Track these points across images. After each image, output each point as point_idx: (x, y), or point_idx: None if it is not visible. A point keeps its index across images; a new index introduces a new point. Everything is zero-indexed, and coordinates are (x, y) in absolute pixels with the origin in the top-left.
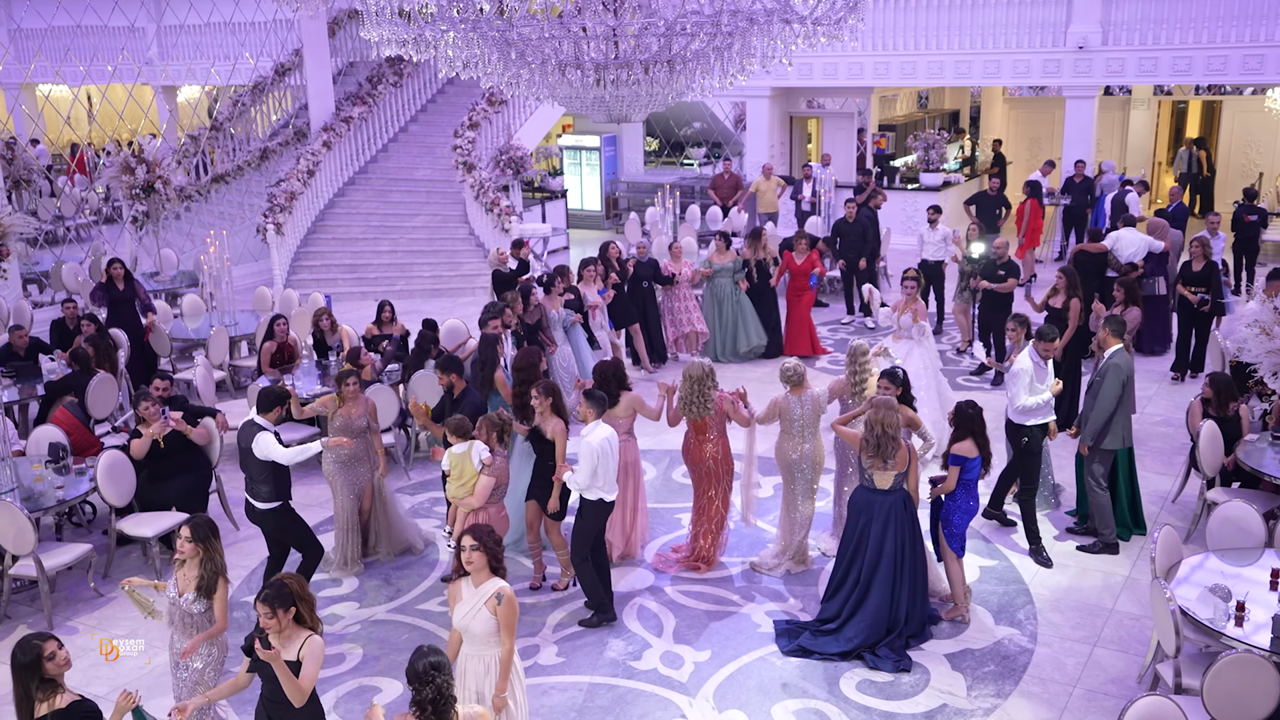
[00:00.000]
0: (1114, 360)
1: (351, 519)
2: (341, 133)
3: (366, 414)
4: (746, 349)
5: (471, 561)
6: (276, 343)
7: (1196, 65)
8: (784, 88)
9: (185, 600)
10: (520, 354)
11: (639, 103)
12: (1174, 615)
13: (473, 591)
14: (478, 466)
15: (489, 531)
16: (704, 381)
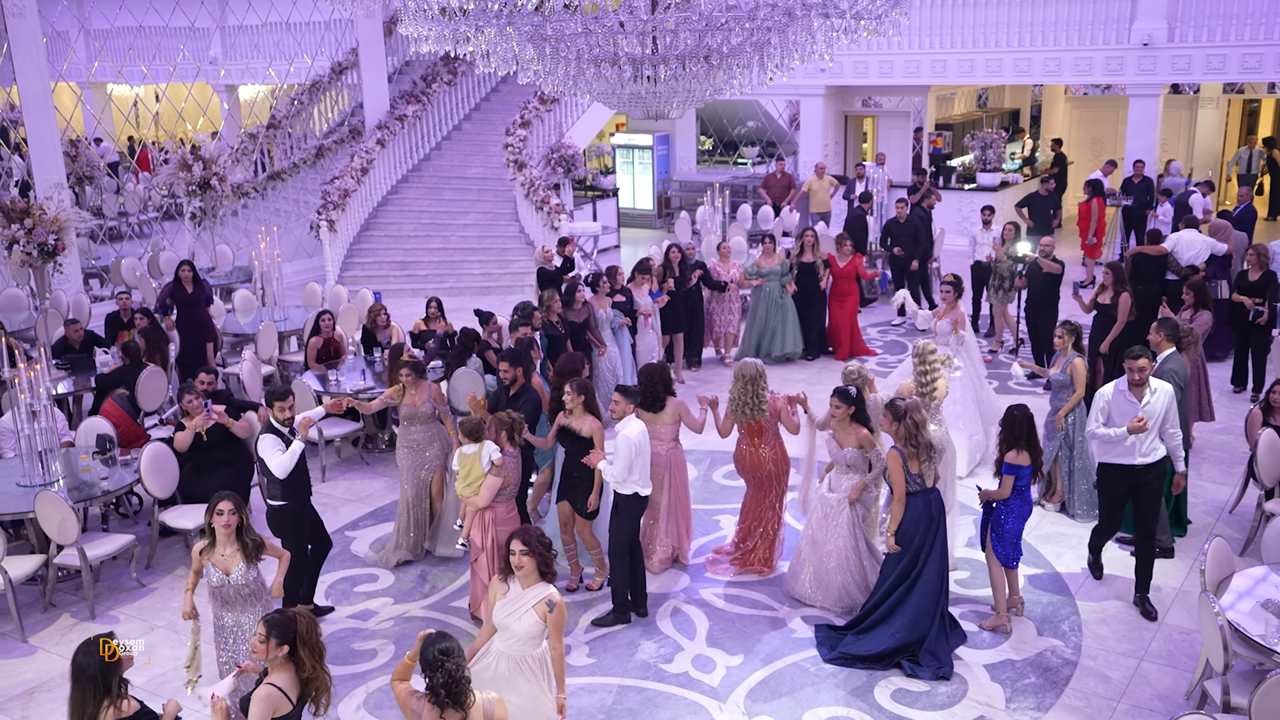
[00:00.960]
0: (1169, 366)
1: (415, 508)
2: (395, 131)
3: (431, 399)
4: (779, 354)
5: (521, 566)
6: (323, 338)
7: (1267, 62)
8: (839, 86)
9: (237, 575)
10: (564, 358)
11: (676, 99)
12: (1222, 630)
13: (520, 592)
14: (486, 467)
15: (539, 536)
16: (757, 381)
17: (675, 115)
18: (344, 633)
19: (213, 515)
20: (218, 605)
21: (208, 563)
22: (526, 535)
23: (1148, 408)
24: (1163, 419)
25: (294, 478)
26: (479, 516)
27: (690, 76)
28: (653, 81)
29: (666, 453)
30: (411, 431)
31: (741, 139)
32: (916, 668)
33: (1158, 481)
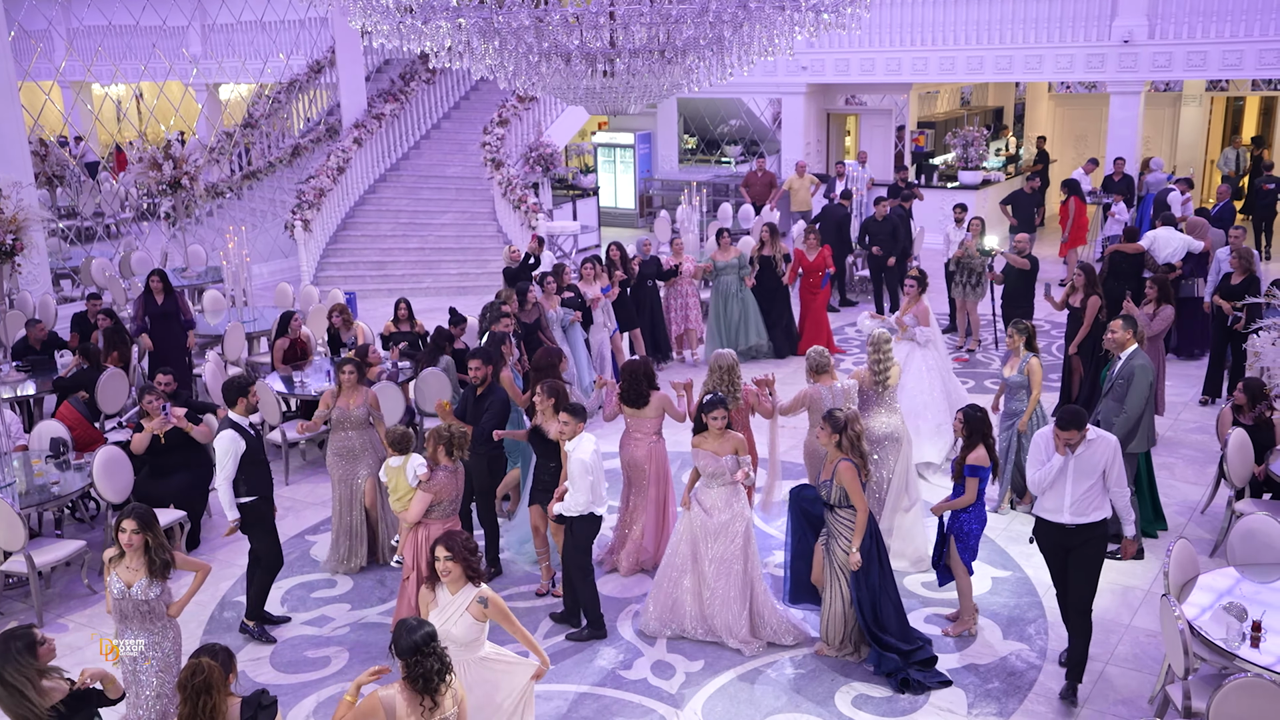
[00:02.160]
0: (1138, 361)
1: (346, 516)
2: (373, 130)
3: (366, 405)
4: (745, 347)
5: (448, 572)
6: (289, 339)
7: (1248, 59)
8: (820, 84)
9: (138, 589)
10: (541, 352)
11: (633, 94)
12: (1183, 634)
13: (450, 598)
14: (412, 482)
15: (464, 541)
16: (733, 371)
17: (633, 111)
18: (298, 640)
19: (116, 530)
20: (116, 619)
21: (113, 572)
22: (450, 540)
23: (1080, 458)
24: (1102, 475)
25: (256, 472)
26: (413, 534)
27: (646, 71)
28: (608, 76)
29: (649, 448)
30: (343, 437)
31: (724, 137)
32: (925, 675)
33: (1092, 551)
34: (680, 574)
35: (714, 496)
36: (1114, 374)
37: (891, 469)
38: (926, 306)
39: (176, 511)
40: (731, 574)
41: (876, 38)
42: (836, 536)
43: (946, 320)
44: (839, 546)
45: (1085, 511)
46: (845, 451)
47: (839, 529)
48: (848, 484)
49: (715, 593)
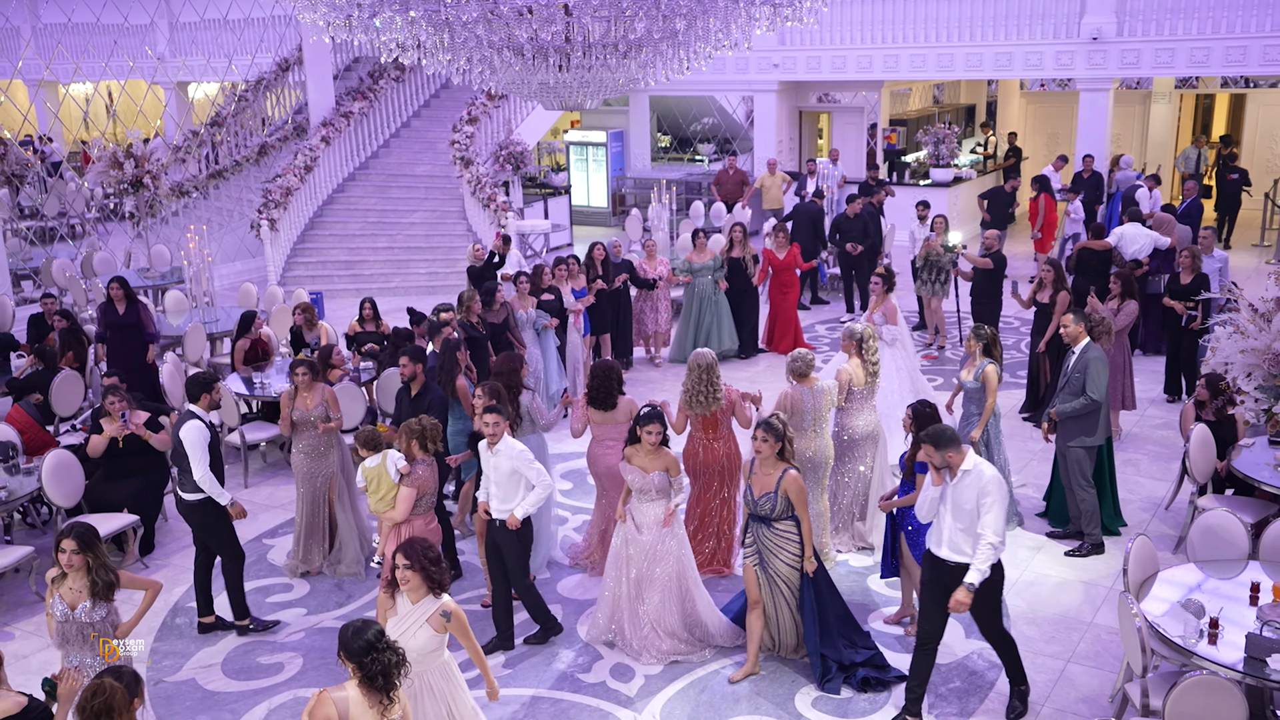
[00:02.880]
0: (1093, 354)
1: (310, 517)
2: (341, 128)
3: (323, 404)
4: (717, 352)
5: (407, 581)
6: (250, 339)
7: (1215, 56)
8: (792, 81)
9: (82, 612)
10: (502, 358)
11: (587, 89)
12: (1140, 632)
13: (410, 607)
14: (395, 478)
15: (424, 549)
16: (711, 370)
17: (590, 106)
18: (251, 645)
19: (55, 550)
20: (58, 642)
21: (55, 594)
22: (409, 548)
23: (956, 489)
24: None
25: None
26: (394, 532)
27: (602, 66)
28: (563, 70)
29: (619, 452)
30: (306, 437)
31: (697, 135)
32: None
33: (982, 590)
34: (616, 591)
35: (645, 514)
36: (1069, 368)
37: (870, 466)
38: (894, 305)
39: (129, 516)
40: (667, 597)
41: (848, 35)
42: (776, 551)
43: (916, 318)
44: (780, 561)
45: (960, 548)
46: (789, 460)
47: (777, 543)
48: (796, 494)
49: (648, 615)
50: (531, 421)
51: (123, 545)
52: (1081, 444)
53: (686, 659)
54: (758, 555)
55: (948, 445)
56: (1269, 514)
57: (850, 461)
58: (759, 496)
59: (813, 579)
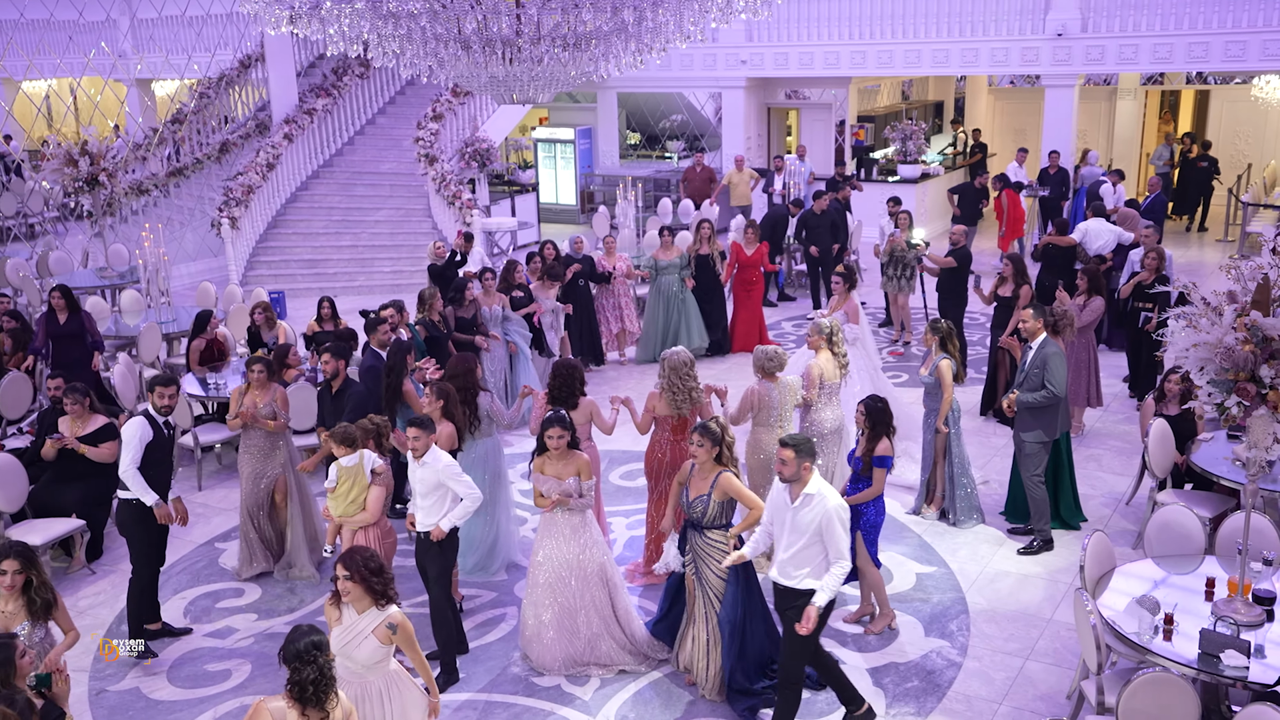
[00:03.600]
0: (1050, 349)
1: (253, 516)
2: (304, 125)
3: (272, 404)
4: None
5: (348, 591)
6: (205, 339)
7: (1177, 52)
8: (760, 78)
9: (20, 635)
10: (454, 360)
11: (538, 82)
12: (1095, 630)
13: (355, 618)
14: (370, 478)
15: (366, 559)
16: (688, 368)
17: (542, 100)
18: (200, 652)
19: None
20: None
21: None
22: (350, 558)
23: (797, 516)
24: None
25: (153, 473)
26: (364, 534)
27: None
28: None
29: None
30: (253, 435)
31: (665, 133)
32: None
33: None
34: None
35: (567, 525)
36: (1026, 363)
37: (835, 462)
38: (856, 304)
39: (76, 521)
40: (593, 612)
41: (815, 31)
42: (706, 560)
43: (882, 314)
44: (711, 571)
45: (790, 574)
46: (725, 464)
47: (708, 551)
48: (734, 490)
49: (577, 629)
50: (492, 422)
51: (70, 551)
52: (1037, 438)
53: (635, 670)
54: (694, 564)
55: (806, 456)
56: (1227, 508)
57: (819, 457)
58: (693, 499)
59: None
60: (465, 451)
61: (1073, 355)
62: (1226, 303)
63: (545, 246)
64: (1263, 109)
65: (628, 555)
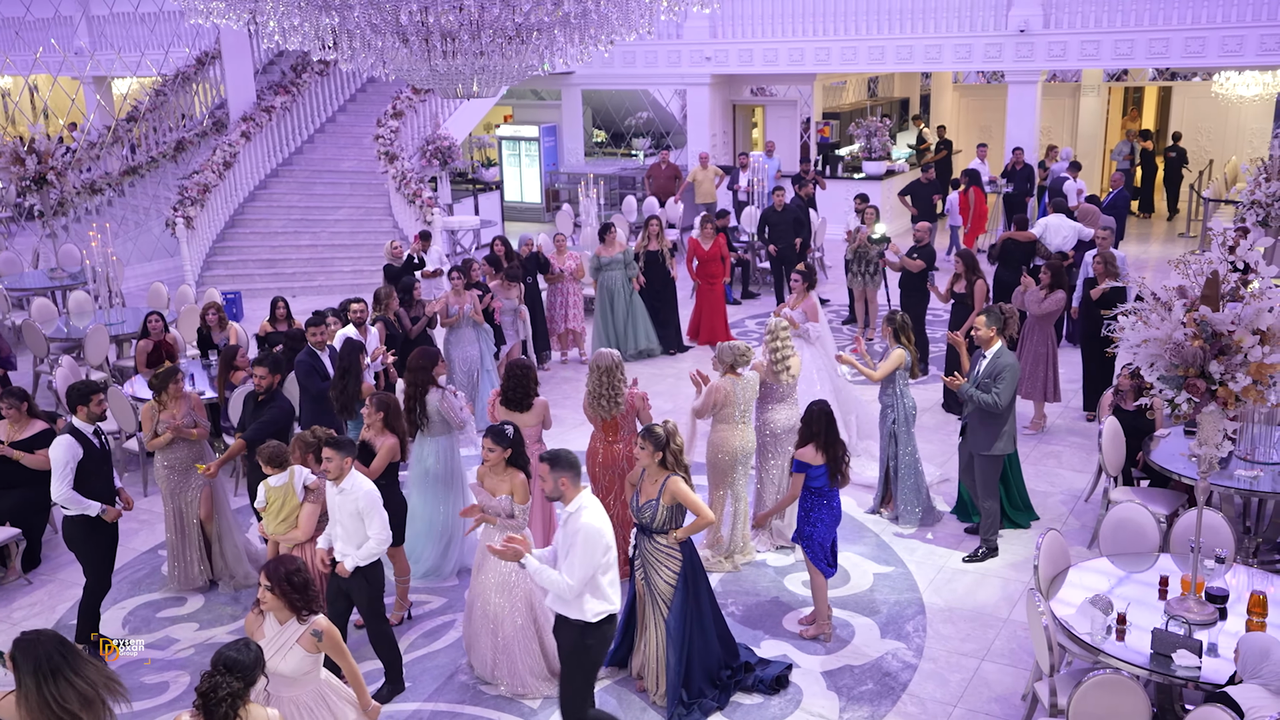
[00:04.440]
0: (1006, 360)
1: (178, 532)
2: (262, 123)
3: (190, 414)
4: (634, 351)
5: (265, 601)
6: (152, 341)
7: (1138, 48)
8: (724, 74)
9: None
10: (416, 354)
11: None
12: (1047, 630)
13: (279, 629)
14: (301, 495)
15: (290, 571)
16: (614, 372)
17: (487, 94)
18: (137, 663)
19: None
20: None
21: None
22: (274, 569)
23: (565, 534)
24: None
25: (92, 485)
26: (301, 551)
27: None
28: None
29: (534, 454)
30: (171, 450)
31: (631, 130)
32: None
33: (564, 649)
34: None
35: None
36: (979, 372)
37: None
38: (815, 302)
39: (11, 529)
40: (522, 633)
41: (779, 28)
42: (655, 566)
43: (846, 311)
44: (660, 578)
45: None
46: (670, 468)
47: (657, 557)
48: (682, 496)
49: (508, 648)
50: (444, 421)
51: (5, 560)
52: (993, 452)
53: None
54: (643, 569)
55: (562, 470)
56: (1180, 504)
57: (773, 457)
58: (642, 504)
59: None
60: (416, 450)
61: (1032, 349)
62: (1176, 298)
63: (495, 243)
64: (1223, 105)
65: None
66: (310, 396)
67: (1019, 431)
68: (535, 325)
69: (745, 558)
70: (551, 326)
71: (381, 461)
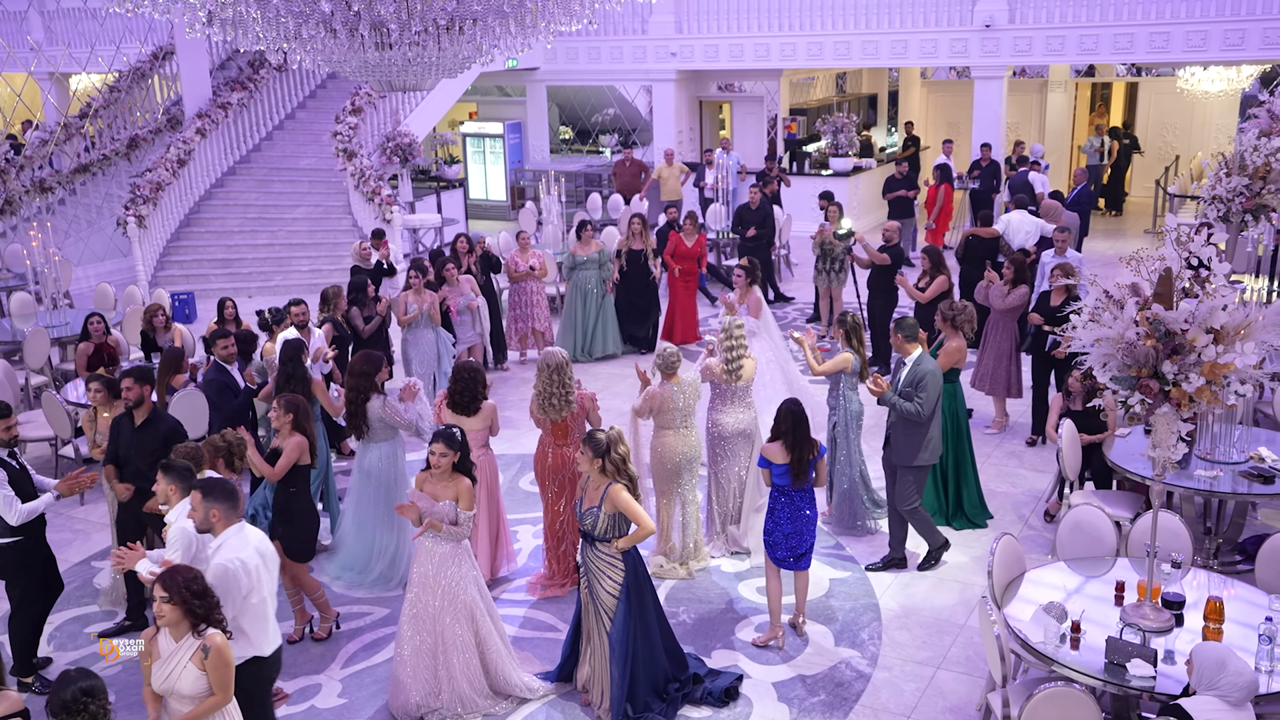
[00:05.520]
0: (927, 366)
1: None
2: (219, 119)
3: None
4: (601, 354)
5: (163, 615)
6: (93, 343)
7: (1103, 44)
8: (690, 70)
9: None
10: (359, 357)
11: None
12: (999, 640)
13: (174, 647)
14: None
15: (189, 580)
16: (564, 370)
17: (425, 87)
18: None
19: None
20: None
21: None
22: (170, 579)
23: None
24: None
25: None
26: None
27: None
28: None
29: (480, 461)
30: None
31: (598, 127)
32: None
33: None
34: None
35: (437, 552)
36: (899, 381)
37: (744, 466)
38: (759, 297)
39: None
40: (454, 652)
41: (745, 23)
42: (599, 576)
43: (812, 309)
44: (603, 588)
45: None
46: (611, 476)
47: (600, 566)
48: (623, 505)
49: (435, 669)
50: (388, 427)
51: None
52: (917, 463)
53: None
54: (587, 579)
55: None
56: (1140, 507)
57: (723, 460)
58: (584, 510)
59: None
60: (359, 456)
61: (995, 344)
62: (1129, 296)
63: (459, 240)
64: (1189, 101)
65: (531, 566)
66: (224, 416)
67: (981, 432)
68: (493, 325)
69: (700, 564)
70: (516, 326)
71: (286, 461)
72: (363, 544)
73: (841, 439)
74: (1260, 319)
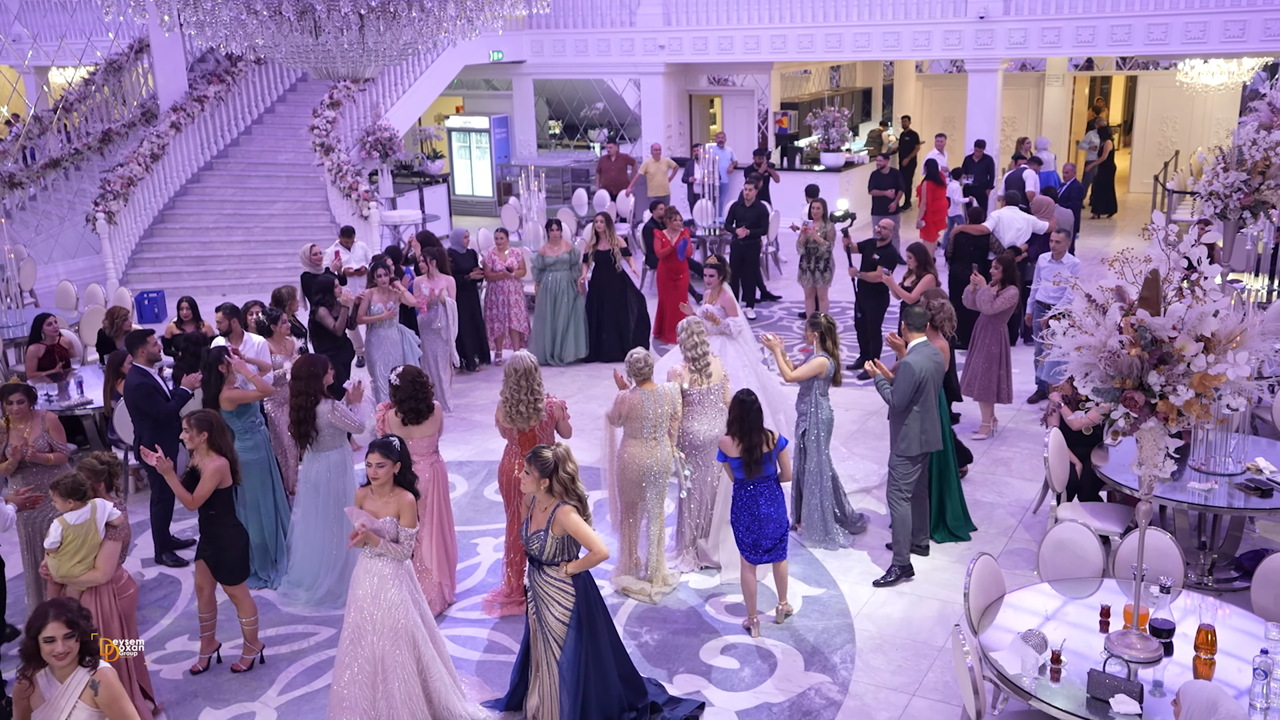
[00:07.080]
0: (908, 358)
1: (32, 564)
2: (194, 114)
3: (46, 434)
4: (572, 358)
5: (66, 654)
6: (45, 345)
7: (1100, 36)
8: (679, 63)
9: None
10: (302, 360)
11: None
12: (971, 673)
13: (61, 689)
14: (103, 533)
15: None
16: (532, 375)
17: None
18: None
19: None
20: None
21: None
22: (59, 612)
23: None
24: None
25: None
26: (94, 594)
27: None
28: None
29: (429, 469)
30: (26, 474)
31: (586, 121)
32: (676, 708)
33: None
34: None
35: (376, 571)
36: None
37: (717, 476)
38: (731, 296)
39: None
40: (395, 678)
41: (734, 15)
42: (546, 601)
43: (801, 308)
44: (551, 614)
45: None
46: (559, 496)
47: (548, 591)
48: (573, 529)
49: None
50: (336, 434)
51: None
52: (898, 450)
53: None
54: (535, 604)
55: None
56: (1130, 521)
57: (695, 470)
58: (530, 533)
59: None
60: (306, 468)
61: (984, 348)
62: (1113, 299)
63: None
64: (1188, 94)
65: (490, 582)
66: (152, 421)
67: (969, 437)
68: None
69: (660, 589)
70: (493, 327)
71: (206, 487)
72: (310, 559)
73: (812, 448)
74: (1257, 323)
